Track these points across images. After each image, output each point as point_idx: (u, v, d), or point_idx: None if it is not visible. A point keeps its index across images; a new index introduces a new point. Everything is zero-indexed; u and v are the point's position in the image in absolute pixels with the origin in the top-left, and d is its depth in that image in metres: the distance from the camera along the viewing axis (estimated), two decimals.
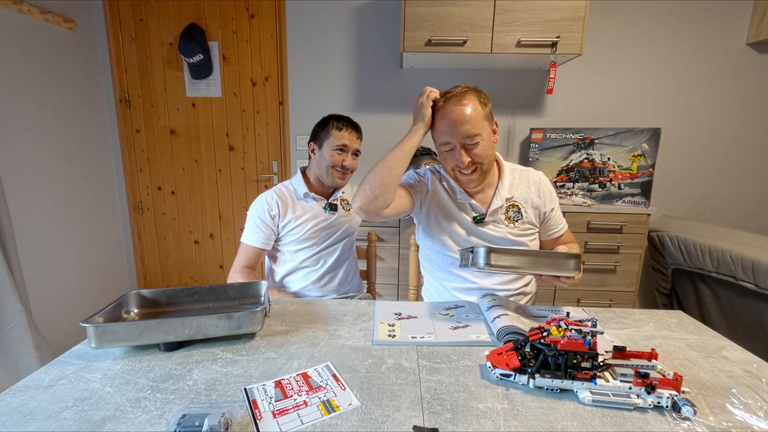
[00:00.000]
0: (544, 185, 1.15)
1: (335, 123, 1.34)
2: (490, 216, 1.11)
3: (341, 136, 1.33)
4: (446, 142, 1.04)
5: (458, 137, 1.02)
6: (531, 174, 1.16)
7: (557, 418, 0.59)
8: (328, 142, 1.34)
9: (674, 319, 0.96)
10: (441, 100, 1.05)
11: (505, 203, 1.11)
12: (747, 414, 0.60)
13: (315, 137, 1.38)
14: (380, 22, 2.27)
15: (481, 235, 1.12)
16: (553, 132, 2.11)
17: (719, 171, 2.34)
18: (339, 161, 1.33)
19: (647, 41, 2.22)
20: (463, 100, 1.02)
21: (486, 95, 1.08)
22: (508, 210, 1.12)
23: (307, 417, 0.58)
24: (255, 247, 1.31)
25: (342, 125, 1.34)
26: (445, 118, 1.03)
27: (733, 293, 1.74)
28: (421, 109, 1.06)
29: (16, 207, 1.83)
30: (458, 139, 1.02)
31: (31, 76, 1.95)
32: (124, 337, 0.74)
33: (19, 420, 0.57)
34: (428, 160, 2.06)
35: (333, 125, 1.34)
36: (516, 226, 1.11)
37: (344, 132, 1.34)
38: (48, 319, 1.98)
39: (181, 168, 2.51)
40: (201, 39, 2.27)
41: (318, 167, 1.36)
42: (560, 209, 1.19)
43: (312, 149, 1.39)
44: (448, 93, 1.06)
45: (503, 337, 0.80)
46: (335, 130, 1.33)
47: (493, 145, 1.08)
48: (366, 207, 1.01)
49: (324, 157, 1.34)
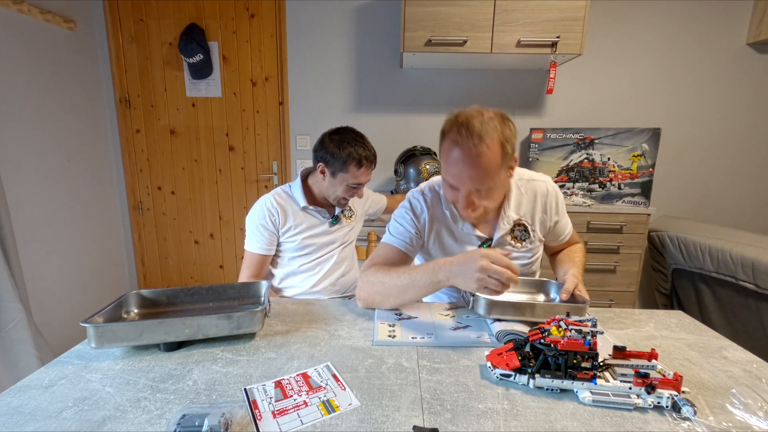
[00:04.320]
0: (550, 198, 1.04)
1: (356, 156, 1.22)
2: (496, 242, 1.01)
3: (360, 174, 1.25)
4: (451, 184, 0.90)
5: (466, 185, 0.87)
6: (539, 186, 1.04)
7: (557, 418, 0.59)
8: (343, 176, 1.25)
9: (674, 319, 0.96)
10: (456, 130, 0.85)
11: (508, 226, 1.01)
12: (747, 414, 0.60)
13: (329, 163, 1.25)
14: (380, 22, 2.27)
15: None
16: (553, 132, 2.11)
17: (719, 171, 2.34)
18: (350, 194, 1.30)
19: (647, 41, 2.22)
20: (481, 145, 0.82)
21: (511, 126, 0.88)
22: (514, 229, 1.02)
23: (307, 417, 0.58)
24: (259, 254, 1.30)
25: (362, 161, 1.23)
26: (453, 157, 0.85)
27: (733, 293, 1.74)
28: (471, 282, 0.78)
29: (16, 207, 1.83)
30: (465, 187, 0.87)
31: (31, 76, 1.94)
32: (124, 337, 0.74)
33: (19, 420, 0.57)
34: (428, 160, 2.06)
35: (353, 162, 1.22)
36: (523, 245, 1.03)
37: (363, 170, 1.25)
38: (48, 319, 1.98)
39: (181, 168, 2.51)
40: (201, 39, 2.27)
41: (326, 190, 1.31)
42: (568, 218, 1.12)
43: (322, 171, 1.27)
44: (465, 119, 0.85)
45: (503, 338, 0.80)
46: (355, 168, 1.23)
47: (508, 183, 0.96)
48: (371, 306, 0.97)
49: (335, 188, 1.28)
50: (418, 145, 2.19)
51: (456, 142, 0.85)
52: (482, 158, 0.83)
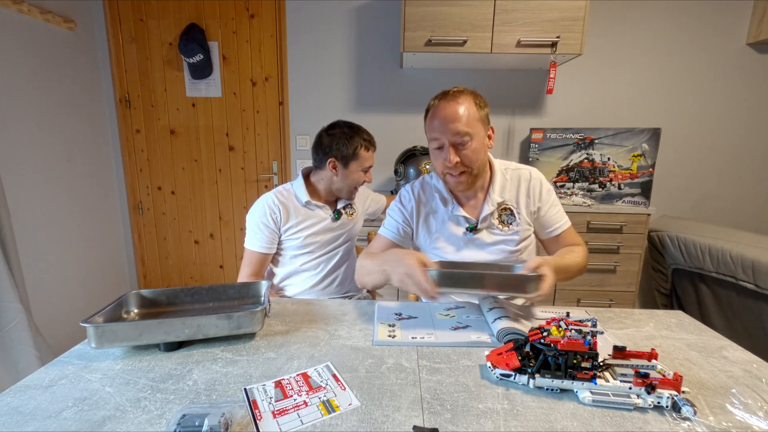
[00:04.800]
0: (534, 183, 1.10)
1: (363, 143, 1.30)
2: (482, 223, 1.09)
3: (369, 157, 1.33)
4: (435, 138, 1.02)
5: (447, 134, 0.99)
6: (523, 172, 1.12)
7: (557, 418, 0.59)
8: (356, 163, 1.30)
9: (674, 319, 0.96)
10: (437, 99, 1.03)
11: (497, 208, 1.09)
12: (747, 414, 0.60)
13: (338, 154, 1.29)
14: (380, 22, 2.27)
15: (476, 243, 1.10)
16: (553, 132, 2.11)
17: (719, 171, 2.34)
18: (364, 179, 1.36)
19: (647, 41, 2.22)
20: (457, 99, 1.00)
21: (484, 99, 1.05)
22: (501, 214, 1.09)
23: (307, 417, 0.58)
24: (260, 253, 1.30)
25: (368, 145, 1.32)
26: (437, 114, 1.01)
27: (733, 293, 1.74)
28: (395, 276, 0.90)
29: (16, 207, 1.83)
30: (447, 136, 0.99)
31: (31, 76, 1.94)
32: (124, 337, 0.74)
33: (19, 420, 0.57)
34: (428, 160, 2.06)
35: (361, 145, 1.30)
36: (510, 228, 1.09)
37: (370, 152, 1.33)
38: (48, 319, 1.98)
39: (181, 168, 2.51)
40: (201, 39, 2.27)
41: (340, 184, 1.33)
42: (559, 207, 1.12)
43: (334, 166, 1.30)
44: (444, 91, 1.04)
45: (503, 338, 0.80)
46: (363, 150, 1.30)
47: (486, 151, 1.06)
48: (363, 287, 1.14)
49: (351, 177, 1.32)
50: (418, 145, 2.19)
51: (436, 104, 1.02)
52: (459, 106, 0.99)
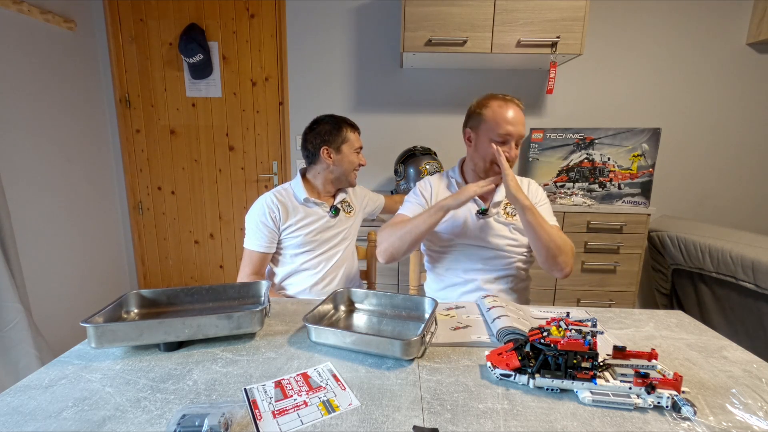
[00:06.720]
0: (532, 186, 1.27)
1: (347, 126, 1.37)
2: (493, 207, 1.22)
3: (356, 138, 1.39)
4: (509, 132, 1.12)
5: (520, 130, 1.14)
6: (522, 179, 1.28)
7: (557, 418, 0.59)
8: (347, 145, 1.36)
9: (674, 319, 0.96)
10: (497, 98, 1.15)
11: (504, 199, 1.23)
12: (747, 414, 0.60)
13: (331, 142, 1.35)
14: (380, 22, 2.27)
15: (485, 226, 1.21)
16: (553, 132, 2.11)
17: (719, 171, 2.34)
18: (360, 161, 1.40)
19: (647, 41, 2.22)
20: (520, 107, 1.16)
21: None
22: (507, 206, 1.24)
23: (307, 417, 0.58)
24: (259, 252, 1.30)
25: (353, 128, 1.39)
26: (511, 112, 1.13)
27: (733, 293, 1.74)
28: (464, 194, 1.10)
29: (16, 207, 1.83)
30: (519, 131, 1.14)
31: (31, 76, 1.94)
32: (124, 337, 0.74)
33: (19, 420, 0.57)
34: (428, 160, 2.06)
35: (347, 129, 1.37)
36: (515, 219, 1.21)
37: (356, 134, 1.40)
38: (48, 319, 1.98)
39: (181, 168, 2.51)
40: (201, 39, 2.27)
41: (338, 169, 1.37)
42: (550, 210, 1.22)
43: (329, 155, 1.35)
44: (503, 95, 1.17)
45: (503, 338, 0.79)
46: (350, 132, 1.37)
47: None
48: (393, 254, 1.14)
49: (347, 160, 1.37)
50: (418, 145, 2.19)
51: (506, 101, 1.14)
52: (522, 113, 1.15)
